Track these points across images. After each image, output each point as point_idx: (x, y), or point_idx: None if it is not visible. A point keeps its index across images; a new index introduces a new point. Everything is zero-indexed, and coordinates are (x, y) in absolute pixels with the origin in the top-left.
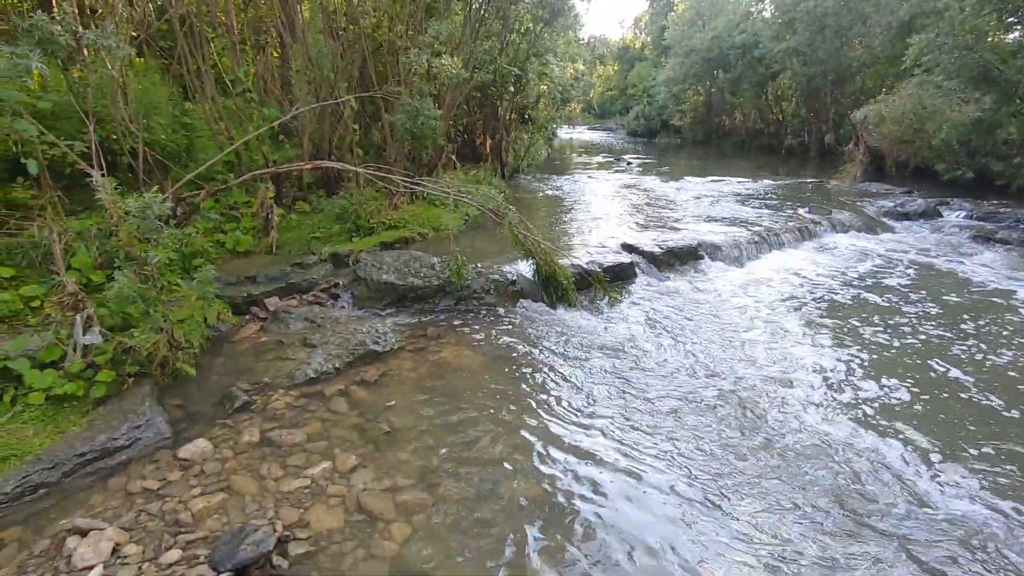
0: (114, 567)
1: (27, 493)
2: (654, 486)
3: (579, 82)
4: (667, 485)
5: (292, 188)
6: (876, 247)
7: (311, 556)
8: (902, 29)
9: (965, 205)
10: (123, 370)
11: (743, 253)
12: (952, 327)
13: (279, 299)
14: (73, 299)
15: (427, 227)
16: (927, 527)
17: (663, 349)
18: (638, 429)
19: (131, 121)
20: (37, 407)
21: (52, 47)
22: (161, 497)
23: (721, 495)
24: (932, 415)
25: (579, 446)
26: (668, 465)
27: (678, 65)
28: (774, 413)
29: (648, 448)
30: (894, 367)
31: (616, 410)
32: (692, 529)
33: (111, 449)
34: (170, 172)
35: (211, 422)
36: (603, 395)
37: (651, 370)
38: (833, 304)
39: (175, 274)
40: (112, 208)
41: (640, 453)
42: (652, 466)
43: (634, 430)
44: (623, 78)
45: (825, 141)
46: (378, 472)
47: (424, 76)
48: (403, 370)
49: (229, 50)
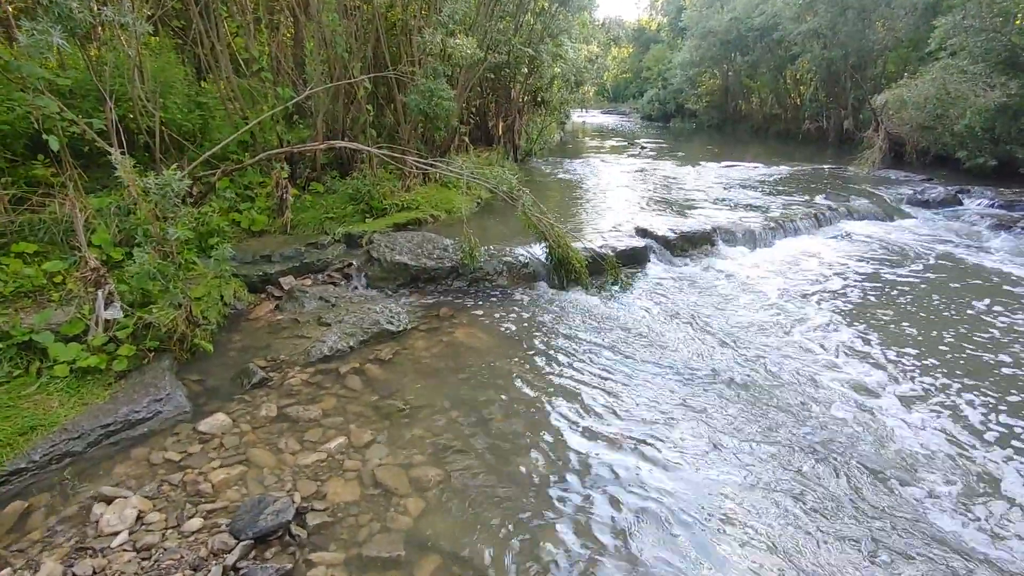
0: (139, 533)
1: (54, 462)
2: (666, 461)
3: (593, 64)
4: (678, 460)
5: (306, 169)
6: (893, 235)
7: (328, 527)
8: (927, 11)
9: (987, 193)
10: (144, 345)
11: (758, 239)
12: (966, 315)
13: (294, 278)
14: (95, 275)
15: (440, 209)
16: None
17: (675, 332)
18: (648, 406)
19: (148, 100)
20: (62, 379)
21: (71, 24)
22: (182, 468)
23: (734, 463)
24: (942, 390)
25: (590, 423)
26: (680, 441)
27: (694, 48)
28: (780, 392)
29: (659, 425)
30: (902, 346)
31: (627, 389)
32: (705, 500)
33: (133, 421)
34: (186, 152)
35: (229, 397)
36: (613, 375)
37: (662, 351)
38: (847, 291)
39: (192, 252)
40: (133, 186)
41: (651, 429)
42: (664, 442)
43: (644, 407)
44: (638, 61)
45: (844, 127)
46: (393, 448)
47: (438, 56)
48: (416, 349)
49: (243, 29)
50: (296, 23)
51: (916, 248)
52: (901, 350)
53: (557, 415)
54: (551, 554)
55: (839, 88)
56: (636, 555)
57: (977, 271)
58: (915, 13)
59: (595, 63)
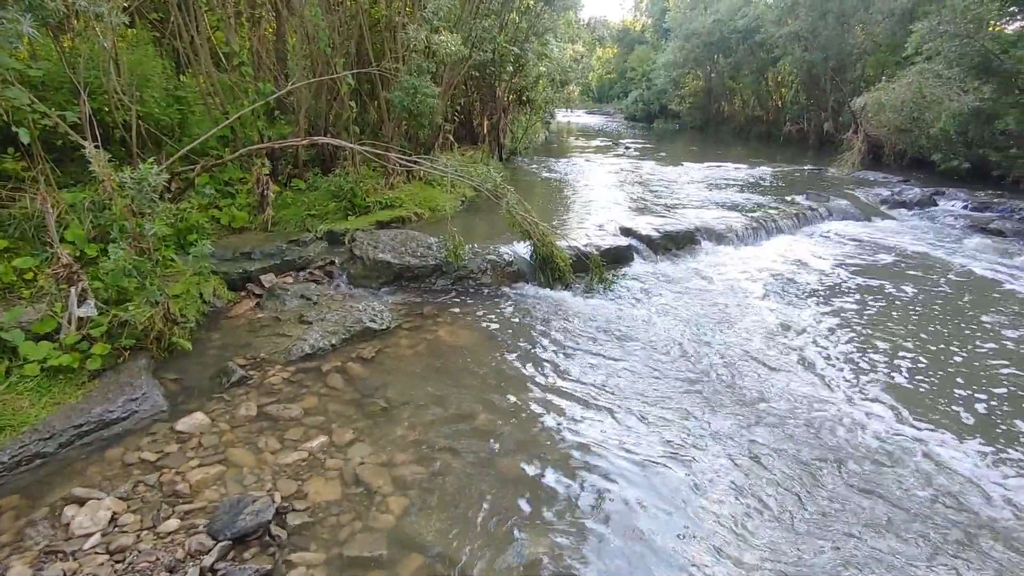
0: (112, 535)
1: (23, 463)
2: (647, 459)
3: (578, 64)
4: (660, 456)
5: (288, 165)
6: (871, 234)
7: (309, 527)
8: (904, 16)
9: (960, 195)
10: (119, 343)
11: (740, 238)
12: (939, 312)
13: (275, 276)
14: (67, 271)
15: (424, 207)
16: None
17: (658, 329)
18: (630, 402)
19: (124, 93)
20: (32, 379)
21: (42, 12)
22: (159, 468)
23: (707, 460)
24: (909, 384)
25: (573, 421)
26: (660, 438)
27: (678, 49)
28: (756, 385)
29: (640, 422)
30: (875, 342)
31: (609, 387)
32: (681, 498)
33: (107, 421)
34: (164, 146)
35: (208, 396)
36: (596, 373)
37: (644, 348)
38: (827, 289)
39: (170, 249)
40: (108, 180)
41: (632, 426)
42: (645, 439)
43: (626, 403)
44: (622, 61)
45: (824, 129)
46: (375, 446)
47: (423, 53)
48: (400, 348)
49: (224, 23)
50: (278, 17)
51: (893, 247)
52: (869, 341)
53: (540, 412)
54: (535, 551)
55: (819, 91)
56: (619, 549)
57: (951, 271)
58: (893, 18)
59: (580, 63)
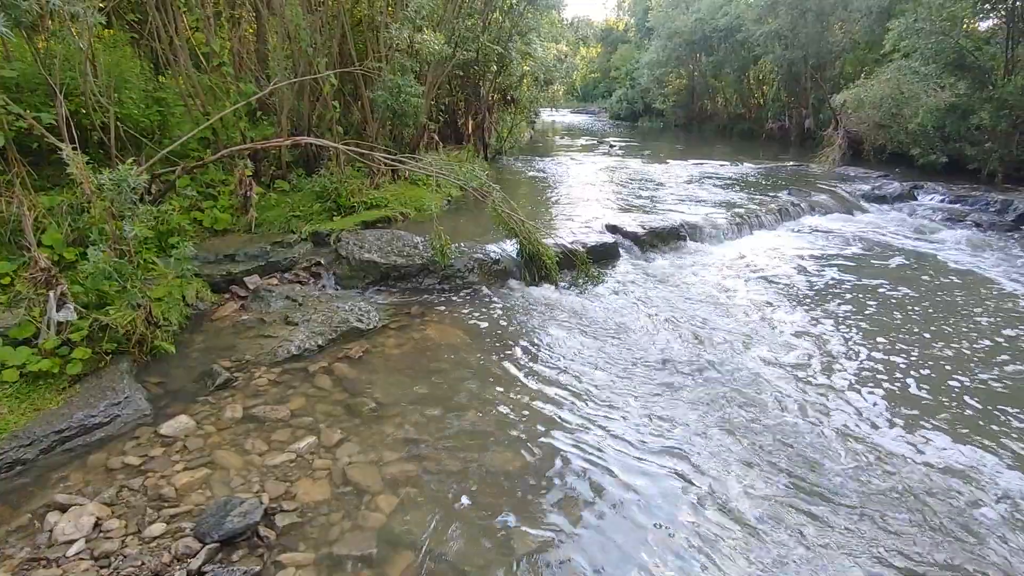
0: (96, 541)
1: (3, 470)
2: (636, 453)
3: (562, 63)
4: (648, 450)
5: (271, 166)
6: (852, 228)
7: (298, 527)
8: (882, 14)
9: (939, 188)
10: (100, 348)
11: (724, 234)
12: (916, 301)
13: (259, 278)
14: (45, 275)
15: (409, 207)
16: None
17: (644, 324)
18: (617, 398)
19: (101, 94)
20: (11, 385)
21: (15, 12)
22: (143, 473)
23: (693, 454)
24: (889, 377)
25: (561, 418)
26: (649, 433)
27: (661, 48)
28: (742, 378)
29: (629, 416)
30: (856, 333)
31: (597, 383)
32: (667, 489)
33: (89, 426)
34: (143, 148)
35: (192, 399)
36: (584, 369)
37: (630, 344)
38: (809, 281)
39: (151, 252)
40: (86, 182)
41: (620, 423)
42: (635, 434)
43: (613, 399)
44: (606, 60)
45: (805, 126)
46: (364, 446)
47: (406, 52)
48: (387, 347)
49: (203, 23)
50: (259, 17)
51: (872, 240)
52: (849, 330)
53: (529, 409)
54: (526, 548)
55: (800, 88)
56: (609, 544)
57: (929, 263)
58: (870, 16)
59: (564, 62)
